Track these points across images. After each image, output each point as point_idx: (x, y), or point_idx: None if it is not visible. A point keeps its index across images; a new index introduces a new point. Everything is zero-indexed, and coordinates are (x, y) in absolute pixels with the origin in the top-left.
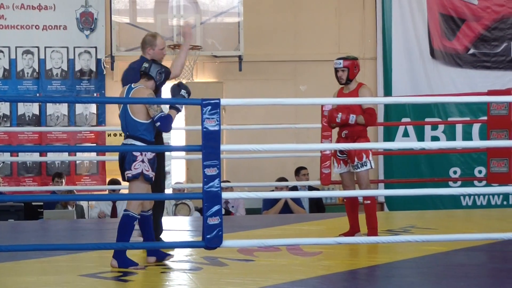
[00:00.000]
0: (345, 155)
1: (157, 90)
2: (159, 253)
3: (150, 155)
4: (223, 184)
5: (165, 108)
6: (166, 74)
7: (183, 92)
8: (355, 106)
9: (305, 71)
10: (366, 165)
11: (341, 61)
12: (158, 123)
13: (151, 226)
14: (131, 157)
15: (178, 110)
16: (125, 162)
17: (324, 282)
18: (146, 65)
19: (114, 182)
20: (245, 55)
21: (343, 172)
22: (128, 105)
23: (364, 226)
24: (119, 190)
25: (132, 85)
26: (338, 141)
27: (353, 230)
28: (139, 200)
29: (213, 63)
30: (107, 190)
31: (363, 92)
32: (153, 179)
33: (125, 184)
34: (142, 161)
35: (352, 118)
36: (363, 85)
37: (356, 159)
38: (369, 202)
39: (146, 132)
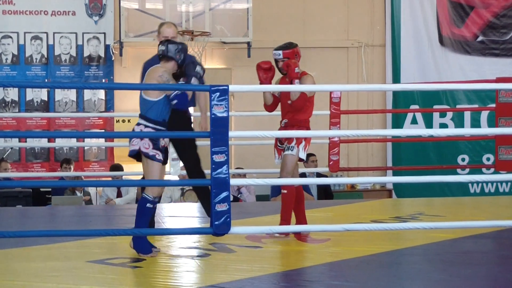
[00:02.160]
0: (283, 146)
1: (180, 70)
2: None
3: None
4: (235, 171)
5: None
6: (184, 50)
7: (198, 68)
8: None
9: (314, 58)
10: (292, 150)
11: (280, 51)
12: (175, 101)
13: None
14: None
15: (200, 78)
16: (130, 139)
17: (332, 269)
18: (162, 47)
19: (116, 167)
20: (254, 41)
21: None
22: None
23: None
24: (121, 176)
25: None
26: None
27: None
28: (141, 186)
29: (222, 50)
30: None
31: (305, 80)
32: (159, 157)
33: (127, 170)
34: (141, 138)
35: (297, 86)
36: (306, 74)
37: (285, 142)
38: (285, 191)
39: (151, 110)
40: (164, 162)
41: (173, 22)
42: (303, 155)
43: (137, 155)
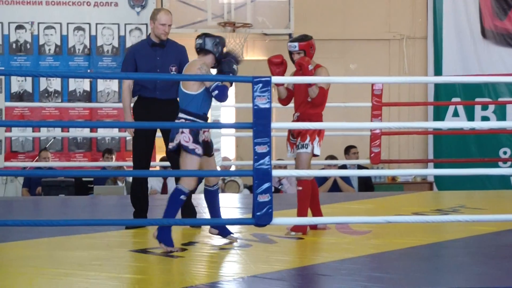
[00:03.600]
0: (295, 140)
1: (218, 65)
2: (224, 229)
3: None
4: (276, 162)
5: None
6: (222, 44)
7: (235, 67)
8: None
9: (355, 50)
10: (306, 148)
11: (296, 43)
12: (216, 91)
13: (217, 201)
14: (174, 129)
15: (232, 83)
16: (170, 136)
17: (373, 261)
18: (199, 41)
19: (165, 159)
20: (295, 33)
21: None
22: None
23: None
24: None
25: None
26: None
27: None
28: (188, 176)
29: (263, 41)
30: (158, 167)
31: (319, 73)
32: (198, 152)
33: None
34: (182, 132)
35: (315, 87)
36: (321, 66)
37: (299, 140)
38: (301, 188)
39: (192, 104)
40: (206, 154)
41: (214, 13)
42: (318, 151)
43: (176, 150)
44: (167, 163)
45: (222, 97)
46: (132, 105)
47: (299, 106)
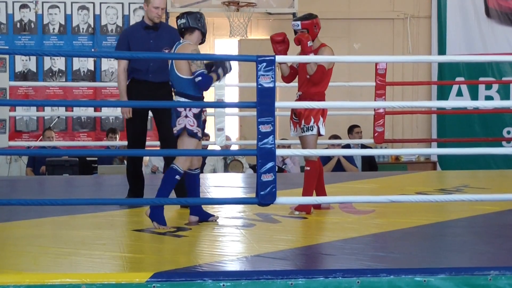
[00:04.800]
0: (298, 119)
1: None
2: (202, 213)
3: (195, 109)
4: (280, 142)
5: None
6: (203, 17)
7: (228, 66)
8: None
9: (359, 29)
10: (312, 130)
11: (299, 22)
12: (199, 78)
13: (198, 185)
14: (176, 113)
15: (218, 78)
16: (172, 120)
17: (377, 240)
18: (182, 20)
19: None
20: (300, 12)
21: (299, 136)
22: (174, 61)
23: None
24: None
25: (181, 41)
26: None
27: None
28: (188, 155)
29: (267, 20)
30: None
31: (322, 52)
32: (199, 135)
33: None
34: (186, 116)
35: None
36: (325, 45)
37: (303, 122)
38: (309, 168)
39: (190, 87)
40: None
41: None
42: (323, 131)
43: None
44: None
45: (204, 85)
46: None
47: (302, 85)
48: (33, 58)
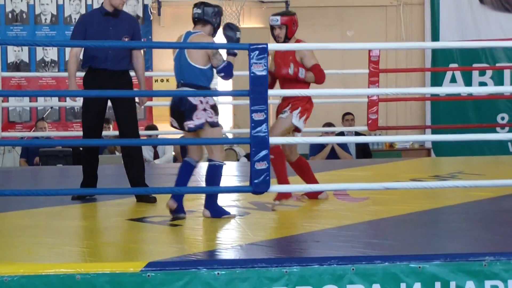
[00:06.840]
0: None
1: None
2: (180, 205)
3: (211, 101)
4: None
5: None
6: (220, 14)
7: (238, 34)
8: (292, 61)
9: (352, 17)
10: (283, 114)
11: (278, 17)
12: (222, 74)
13: (189, 177)
14: (190, 107)
15: (235, 54)
16: (185, 113)
17: (371, 227)
18: (198, 10)
19: (151, 128)
20: (292, 0)
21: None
22: (186, 50)
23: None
24: (157, 135)
25: (191, 30)
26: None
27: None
28: (188, 144)
29: (260, 9)
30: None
31: (301, 50)
32: (219, 122)
33: (163, 129)
34: (204, 109)
35: (302, 72)
36: (301, 41)
37: (288, 107)
38: (272, 157)
39: (203, 78)
40: None
41: None
42: (298, 123)
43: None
44: (155, 132)
45: (228, 77)
46: (83, 76)
47: (283, 85)
48: (25, 49)
